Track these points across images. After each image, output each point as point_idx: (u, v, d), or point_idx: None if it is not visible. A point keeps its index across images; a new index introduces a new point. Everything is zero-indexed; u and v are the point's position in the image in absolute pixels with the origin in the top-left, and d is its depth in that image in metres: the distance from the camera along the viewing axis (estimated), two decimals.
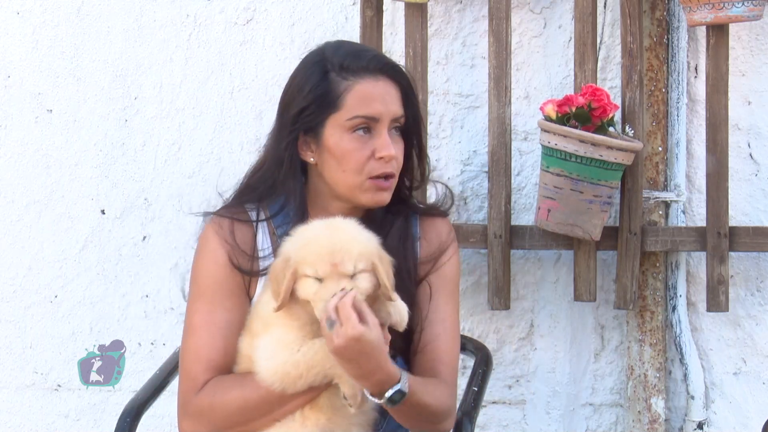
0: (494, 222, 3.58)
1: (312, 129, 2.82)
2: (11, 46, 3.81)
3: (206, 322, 2.80)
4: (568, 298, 3.73)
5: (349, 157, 2.80)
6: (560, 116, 3.42)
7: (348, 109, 2.79)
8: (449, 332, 2.89)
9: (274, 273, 2.68)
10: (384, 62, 2.85)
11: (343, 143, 2.80)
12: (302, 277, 2.64)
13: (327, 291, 2.60)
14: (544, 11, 3.72)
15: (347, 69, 2.81)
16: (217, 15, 3.78)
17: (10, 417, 3.87)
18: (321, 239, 2.65)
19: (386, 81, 2.83)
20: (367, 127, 2.80)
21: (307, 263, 2.63)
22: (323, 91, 2.80)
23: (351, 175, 2.81)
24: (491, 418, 3.79)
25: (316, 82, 2.82)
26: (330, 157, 2.82)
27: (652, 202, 3.64)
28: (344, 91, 2.79)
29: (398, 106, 2.84)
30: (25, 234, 3.83)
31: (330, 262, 2.61)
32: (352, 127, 2.80)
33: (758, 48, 3.67)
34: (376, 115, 2.80)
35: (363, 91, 2.80)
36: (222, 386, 2.75)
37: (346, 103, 2.79)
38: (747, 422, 3.72)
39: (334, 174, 2.83)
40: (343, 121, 2.80)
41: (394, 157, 2.81)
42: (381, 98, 2.81)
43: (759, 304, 3.71)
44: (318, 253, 2.63)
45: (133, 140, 3.81)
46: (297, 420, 2.72)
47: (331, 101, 2.80)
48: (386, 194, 2.83)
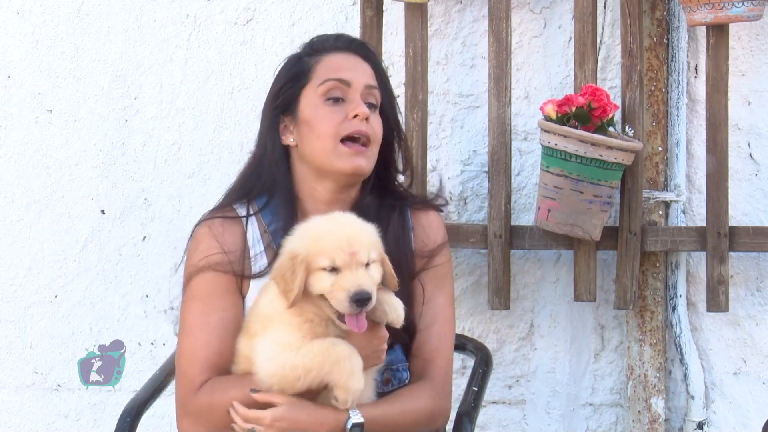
0: (494, 222, 3.58)
1: (289, 107, 2.90)
2: (11, 46, 3.81)
3: (201, 323, 2.81)
4: (568, 298, 3.73)
5: (322, 121, 2.86)
6: (560, 116, 3.42)
7: (318, 77, 2.88)
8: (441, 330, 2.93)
9: (280, 272, 2.68)
10: (351, 39, 2.97)
11: (317, 111, 2.87)
12: (315, 271, 2.66)
13: (347, 280, 2.64)
14: (544, 11, 3.72)
15: (316, 48, 2.94)
16: (217, 15, 3.78)
17: (10, 417, 3.87)
18: (334, 230, 2.69)
19: (355, 56, 2.93)
20: (340, 97, 2.87)
21: (324, 255, 2.65)
22: (296, 71, 2.91)
23: (325, 139, 2.85)
24: (491, 418, 3.79)
25: (290, 65, 2.94)
26: (306, 129, 2.87)
27: (652, 202, 3.64)
28: (314, 63, 2.90)
29: (370, 77, 2.91)
30: (25, 234, 3.83)
31: (348, 251, 2.65)
32: (325, 92, 2.86)
33: (758, 48, 3.67)
34: (347, 78, 2.87)
35: (331, 60, 2.90)
36: (221, 386, 2.76)
37: (317, 73, 2.89)
38: (747, 422, 3.72)
39: (311, 145, 2.87)
40: (316, 88, 2.87)
41: (367, 115, 2.86)
42: (350, 67, 2.90)
43: (759, 304, 3.71)
44: (335, 243, 2.66)
45: (133, 140, 3.81)
46: None
47: (302, 75, 2.90)
48: (362, 159, 2.86)
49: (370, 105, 2.90)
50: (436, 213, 3.02)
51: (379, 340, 2.73)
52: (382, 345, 2.73)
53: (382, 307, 2.70)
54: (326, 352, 2.65)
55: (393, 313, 2.71)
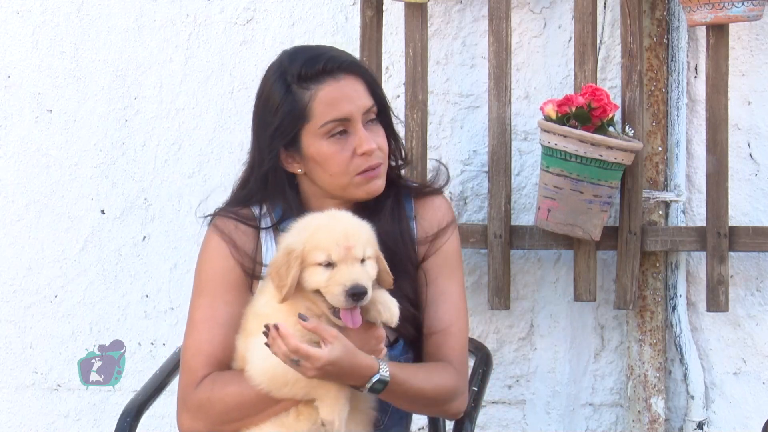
0: (494, 222, 3.58)
1: (290, 143, 2.83)
2: (11, 46, 3.81)
3: (207, 318, 2.82)
4: (568, 298, 3.73)
5: (331, 161, 2.82)
6: (560, 116, 3.42)
7: (318, 117, 2.80)
8: (454, 313, 2.90)
9: (275, 267, 2.69)
10: (341, 60, 2.85)
11: (323, 149, 2.81)
12: (310, 266, 2.66)
13: (343, 274, 2.63)
14: (544, 11, 3.72)
15: (306, 78, 2.81)
16: (217, 15, 3.78)
17: (10, 417, 3.87)
18: (330, 226, 2.69)
19: (348, 78, 2.83)
20: (343, 129, 2.81)
21: (320, 249, 2.65)
22: (290, 107, 2.81)
23: (338, 177, 2.83)
24: (491, 418, 3.79)
25: (281, 98, 2.82)
26: (315, 165, 2.84)
27: (652, 202, 3.64)
28: (309, 100, 2.80)
29: (366, 98, 2.84)
30: (25, 234, 3.83)
31: (344, 245, 2.65)
32: (327, 132, 2.81)
33: (758, 48, 3.67)
34: (347, 115, 2.81)
35: (327, 96, 2.80)
36: (220, 381, 2.76)
37: (315, 111, 2.80)
38: (747, 422, 3.72)
39: (323, 179, 2.85)
40: (317, 129, 2.81)
41: (375, 150, 2.83)
42: (347, 97, 2.81)
43: (759, 304, 3.71)
44: (331, 237, 2.66)
45: (133, 140, 3.81)
46: (292, 415, 2.73)
47: (299, 114, 2.81)
48: (379, 181, 2.85)
49: (371, 121, 2.86)
50: (440, 198, 2.99)
51: (376, 339, 2.72)
52: (379, 344, 2.73)
53: (376, 306, 2.70)
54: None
55: (387, 312, 2.70)
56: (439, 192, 3.00)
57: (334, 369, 2.61)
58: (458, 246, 2.98)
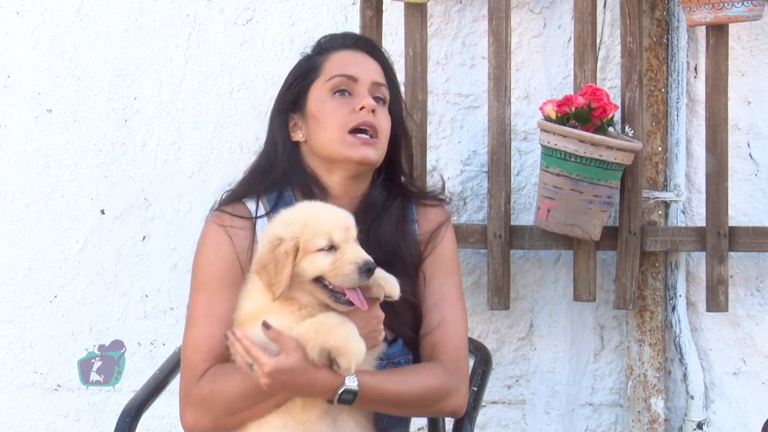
0: (494, 222, 3.59)
1: (297, 103, 2.93)
2: (11, 46, 3.81)
3: (206, 314, 2.83)
4: (567, 298, 3.73)
5: (330, 115, 2.89)
6: (560, 116, 3.42)
7: (327, 73, 2.93)
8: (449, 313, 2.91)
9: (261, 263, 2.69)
10: (359, 37, 3.02)
11: (324, 104, 2.90)
12: (309, 254, 2.66)
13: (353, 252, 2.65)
14: (544, 11, 3.72)
15: (325, 46, 2.99)
16: (217, 15, 3.78)
17: (10, 417, 3.87)
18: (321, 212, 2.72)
19: (363, 54, 2.97)
20: (347, 90, 2.90)
21: (320, 235, 2.66)
22: (305, 68, 2.96)
23: (333, 131, 2.88)
24: (491, 418, 3.79)
25: (299, 64, 2.99)
26: (314, 123, 2.90)
27: (651, 202, 3.64)
28: (323, 60, 2.95)
29: (377, 74, 2.95)
30: (25, 234, 3.83)
31: (343, 226, 2.68)
32: (332, 87, 2.91)
33: (758, 48, 3.68)
34: (354, 74, 2.91)
35: (340, 57, 2.95)
36: (223, 373, 2.76)
37: (325, 68, 2.93)
38: (747, 422, 3.72)
39: (319, 138, 2.90)
40: (323, 83, 2.91)
41: (373, 107, 2.88)
42: (358, 63, 2.94)
43: (759, 304, 3.71)
44: (330, 221, 2.68)
45: (133, 140, 3.81)
46: (298, 406, 2.73)
47: (311, 71, 2.94)
48: (370, 150, 2.89)
49: (378, 99, 2.92)
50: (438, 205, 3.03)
51: (376, 320, 2.73)
52: (379, 325, 2.74)
53: (376, 282, 2.71)
54: (318, 322, 2.65)
55: (388, 285, 2.73)
56: (440, 201, 3.02)
57: (288, 378, 2.63)
58: (454, 246, 3.00)
